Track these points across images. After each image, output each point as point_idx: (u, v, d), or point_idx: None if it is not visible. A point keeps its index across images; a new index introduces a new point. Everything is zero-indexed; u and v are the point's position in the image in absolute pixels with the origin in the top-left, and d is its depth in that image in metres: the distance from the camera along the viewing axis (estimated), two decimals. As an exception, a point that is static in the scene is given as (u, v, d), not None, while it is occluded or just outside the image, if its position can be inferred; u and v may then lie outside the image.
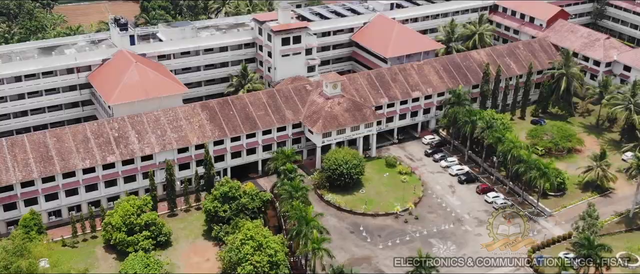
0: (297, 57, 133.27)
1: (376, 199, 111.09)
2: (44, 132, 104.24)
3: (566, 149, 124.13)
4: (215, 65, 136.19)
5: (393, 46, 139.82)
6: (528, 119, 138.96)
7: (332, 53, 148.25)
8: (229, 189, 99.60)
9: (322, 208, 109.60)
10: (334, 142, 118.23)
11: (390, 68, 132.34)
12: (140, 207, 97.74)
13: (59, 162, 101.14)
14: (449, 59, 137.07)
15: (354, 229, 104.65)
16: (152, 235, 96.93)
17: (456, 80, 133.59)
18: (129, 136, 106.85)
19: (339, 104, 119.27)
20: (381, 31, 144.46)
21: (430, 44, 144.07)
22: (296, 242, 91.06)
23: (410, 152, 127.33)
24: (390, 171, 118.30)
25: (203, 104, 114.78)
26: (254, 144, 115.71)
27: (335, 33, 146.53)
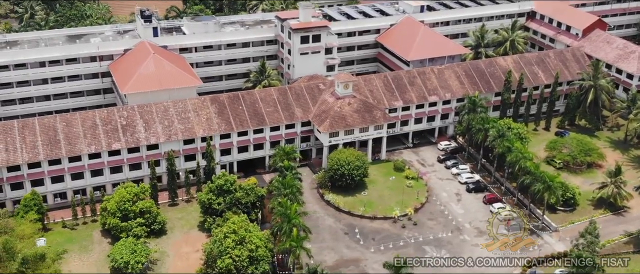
0: (316, 56, 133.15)
1: (377, 202, 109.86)
2: (54, 117, 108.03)
3: (585, 163, 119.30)
4: (237, 60, 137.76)
5: (416, 49, 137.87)
6: (553, 130, 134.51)
7: (357, 53, 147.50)
8: (224, 182, 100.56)
9: (322, 207, 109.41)
10: (341, 143, 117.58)
11: (409, 71, 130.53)
12: (137, 194, 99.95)
13: (65, 146, 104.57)
14: (473, 65, 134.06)
15: (349, 231, 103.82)
16: (145, 222, 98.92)
17: (477, 86, 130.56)
18: (137, 125, 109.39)
19: (349, 104, 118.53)
20: (406, 34, 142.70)
21: (455, 48, 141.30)
22: (278, 239, 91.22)
23: (423, 158, 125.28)
24: (397, 175, 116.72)
25: (213, 98, 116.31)
26: (261, 140, 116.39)
27: (361, 34, 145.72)
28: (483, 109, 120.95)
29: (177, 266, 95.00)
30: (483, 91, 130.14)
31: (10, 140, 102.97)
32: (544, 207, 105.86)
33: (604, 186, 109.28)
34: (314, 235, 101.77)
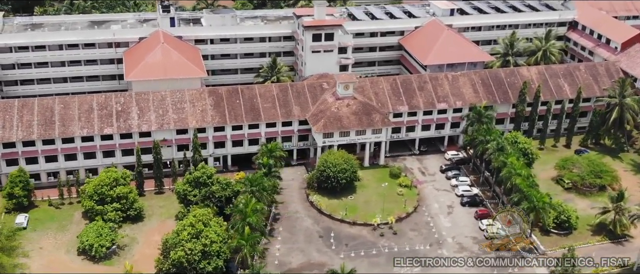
0: (329, 55, 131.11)
1: (362, 207, 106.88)
2: (54, 98, 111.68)
3: (596, 185, 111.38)
4: (253, 54, 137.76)
5: (434, 54, 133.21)
6: (575, 148, 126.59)
7: (378, 55, 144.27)
8: (201, 174, 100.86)
9: (305, 208, 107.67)
10: (335, 144, 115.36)
11: (421, 75, 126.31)
12: (116, 179, 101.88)
13: (59, 127, 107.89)
14: (492, 73, 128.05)
15: (325, 234, 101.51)
16: (122, 208, 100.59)
17: (493, 96, 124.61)
18: (131, 112, 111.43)
19: (348, 105, 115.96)
20: (429, 37, 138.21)
21: (478, 55, 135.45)
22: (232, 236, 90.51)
23: (426, 166, 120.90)
24: (391, 182, 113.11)
25: (211, 90, 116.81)
26: (256, 135, 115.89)
27: (384, 34, 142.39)
28: (488, 120, 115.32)
29: (144, 253, 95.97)
30: (499, 101, 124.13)
31: (8, 118, 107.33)
32: (529, 227, 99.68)
33: (606, 211, 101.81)
34: (288, 235, 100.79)
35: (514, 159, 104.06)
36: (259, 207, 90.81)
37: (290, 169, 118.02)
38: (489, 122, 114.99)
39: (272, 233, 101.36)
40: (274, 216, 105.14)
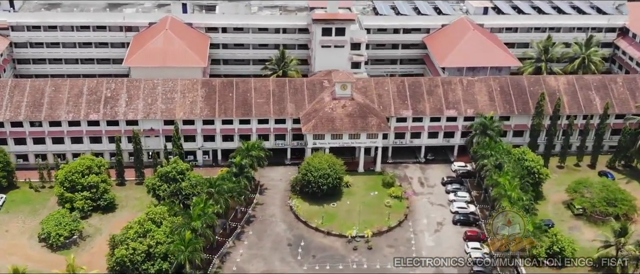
0: (340, 51, 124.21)
1: (342, 216, 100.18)
2: (46, 80, 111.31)
3: (610, 214, 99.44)
4: (268, 45, 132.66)
5: (454, 55, 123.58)
6: (600, 169, 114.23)
7: (401, 52, 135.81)
8: (170, 170, 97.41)
9: (283, 212, 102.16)
10: (327, 146, 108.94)
11: (432, 78, 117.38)
12: (90, 167, 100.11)
13: (46, 110, 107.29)
14: (513, 80, 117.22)
15: (295, 242, 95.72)
16: (92, 197, 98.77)
17: (510, 106, 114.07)
18: (120, 99, 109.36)
19: (344, 106, 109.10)
20: (452, 36, 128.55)
21: (504, 59, 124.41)
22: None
23: (428, 176, 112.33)
24: (381, 191, 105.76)
25: (205, 81, 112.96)
26: (247, 131, 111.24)
27: (408, 31, 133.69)
28: (494, 133, 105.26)
29: (103, 247, 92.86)
30: (516, 111, 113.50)
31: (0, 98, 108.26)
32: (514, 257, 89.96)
33: (608, 245, 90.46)
34: (255, 240, 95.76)
35: (506, 179, 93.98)
36: (210, 210, 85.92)
37: (283, 168, 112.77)
38: (495, 135, 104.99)
39: (240, 236, 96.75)
40: (249, 218, 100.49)
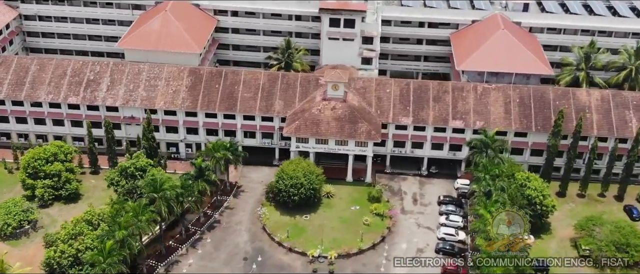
0: (349, 44, 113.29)
1: (312, 231, 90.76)
2: (32, 58, 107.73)
3: (619, 260, 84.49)
4: (282, 32, 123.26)
5: (476, 57, 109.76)
6: (628, 202, 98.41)
7: (426, 49, 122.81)
8: (129, 165, 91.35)
9: (251, 220, 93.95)
10: (311, 151, 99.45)
11: (442, 83, 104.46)
12: (55, 154, 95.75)
13: (27, 90, 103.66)
14: (537, 91, 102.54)
15: (251, 257, 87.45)
16: (54, 185, 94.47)
17: (528, 121, 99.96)
18: (101, 83, 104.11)
19: (333, 109, 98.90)
20: (479, 35, 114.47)
21: (533, 65, 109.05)
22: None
23: (425, 192, 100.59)
24: (365, 206, 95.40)
25: (192, 70, 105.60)
26: (232, 126, 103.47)
27: (434, 26, 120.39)
28: (494, 153, 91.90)
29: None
30: (534, 128, 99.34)
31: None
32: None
33: (604, 302, 76.74)
34: (211, 250, 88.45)
35: (485, 211, 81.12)
36: (145, 218, 78.87)
37: (269, 170, 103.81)
38: (494, 155, 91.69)
39: (196, 243, 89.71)
40: (212, 223, 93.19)
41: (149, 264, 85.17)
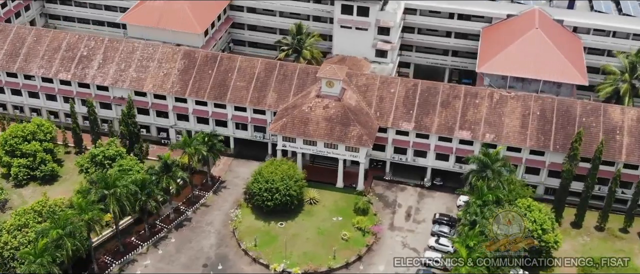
0: (362, 34, 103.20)
1: (283, 241, 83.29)
2: (30, 29, 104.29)
3: (623, 315, 72.90)
4: (300, 15, 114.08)
5: (500, 59, 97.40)
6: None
7: (454, 42, 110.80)
8: (98, 153, 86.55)
9: (223, 222, 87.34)
10: (299, 152, 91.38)
11: (454, 86, 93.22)
12: (33, 133, 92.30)
13: (20, 62, 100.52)
14: (562, 104, 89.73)
15: (212, 265, 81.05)
16: (30, 165, 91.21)
17: (547, 138, 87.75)
18: (94, 60, 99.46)
19: (326, 107, 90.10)
20: (510, 33, 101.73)
21: (565, 72, 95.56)
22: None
23: (422, 207, 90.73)
24: (350, 218, 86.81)
25: (187, 52, 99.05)
26: (222, 116, 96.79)
27: (466, 18, 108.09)
28: (493, 174, 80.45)
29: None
30: (552, 147, 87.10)
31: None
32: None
33: None
34: (172, 252, 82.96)
35: (462, 247, 70.71)
36: (88, 216, 73.53)
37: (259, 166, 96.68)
38: (494, 177, 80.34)
39: (159, 243, 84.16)
40: (182, 221, 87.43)
41: (103, 261, 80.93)
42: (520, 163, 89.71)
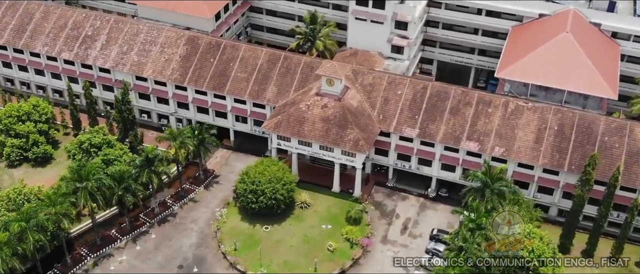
0: (377, 28, 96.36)
1: (266, 247, 78.78)
2: (39, 4, 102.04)
3: None
4: (319, 1, 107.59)
5: (522, 64, 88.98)
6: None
7: (480, 40, 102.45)
8: (85, 140, 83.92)
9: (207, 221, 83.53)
10: (294, 152, 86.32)
11: (467, 92, 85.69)
12: (28, 113, 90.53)
13: (26, 38, 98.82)
14: (584, 120, 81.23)
15: (187, 266, 77.57)
16: (23, 146, 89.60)
17: (562, 156, 79.71)
18: (98, 40, 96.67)
19: (324, 107, 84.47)
20: (539, 35, 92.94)
21: (592, 84, 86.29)
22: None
23: (421, 220, 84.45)
24: (340, 226, 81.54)
25: (191, 37, 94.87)
26: (222, 107, 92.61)
27: (495, 15, 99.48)
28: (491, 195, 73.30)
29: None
30: (567, 168, 79.05)
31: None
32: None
33: None
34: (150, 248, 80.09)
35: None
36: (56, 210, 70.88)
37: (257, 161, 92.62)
38: (492, 199, 73.17)
39: (139, 238, 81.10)
40: (167, 216, 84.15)
41: (79, 253, 78.68)
42: (531, 181, 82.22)
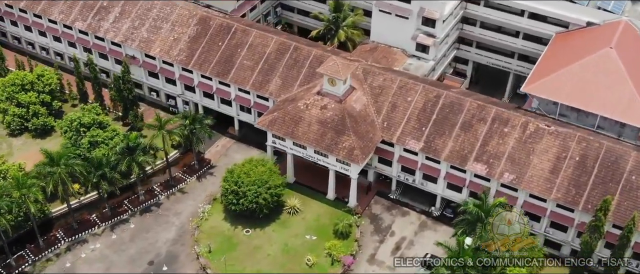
0: (402, 23, 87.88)
1: (243, 253, 74.25)
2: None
3: None
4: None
5: (552, 79, 78.68)
6: None
7: (521, 44, 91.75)
8: (75, 118, 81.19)
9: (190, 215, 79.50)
10: (289, 152, 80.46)
11: (483, 107, 76.64)
12: (32, 83, 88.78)
13: (43, 4, 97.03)
14: (609, 152, 70.94)
15: (157, 264, 74.06)
16: (24, 116, 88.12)
17: (579, 192, 70.12)
18: (111, 13, 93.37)
19: (323, 108, 77.87)
20: (582, 47, 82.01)
21: (625, 111, 74.69)
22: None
23: (417, 241, 77.13)
24: (325, 239, 75.63)
25: (203, 17, 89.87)
26: (226, 95, 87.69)
27: (539, 18, 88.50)
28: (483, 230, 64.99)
29: None
30: (582, 207, 69.46)
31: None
32: None
33: None
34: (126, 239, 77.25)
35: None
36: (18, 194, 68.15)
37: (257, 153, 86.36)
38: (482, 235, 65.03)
39: (117, 226, 78.21)
40: (150, 206, 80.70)
41: (54, 236, 76.74)
42: (543, 215, 73.16)
